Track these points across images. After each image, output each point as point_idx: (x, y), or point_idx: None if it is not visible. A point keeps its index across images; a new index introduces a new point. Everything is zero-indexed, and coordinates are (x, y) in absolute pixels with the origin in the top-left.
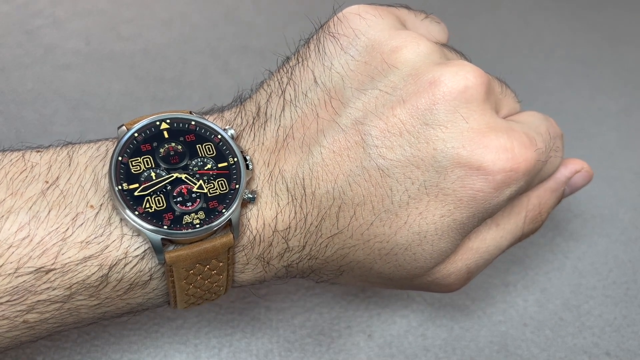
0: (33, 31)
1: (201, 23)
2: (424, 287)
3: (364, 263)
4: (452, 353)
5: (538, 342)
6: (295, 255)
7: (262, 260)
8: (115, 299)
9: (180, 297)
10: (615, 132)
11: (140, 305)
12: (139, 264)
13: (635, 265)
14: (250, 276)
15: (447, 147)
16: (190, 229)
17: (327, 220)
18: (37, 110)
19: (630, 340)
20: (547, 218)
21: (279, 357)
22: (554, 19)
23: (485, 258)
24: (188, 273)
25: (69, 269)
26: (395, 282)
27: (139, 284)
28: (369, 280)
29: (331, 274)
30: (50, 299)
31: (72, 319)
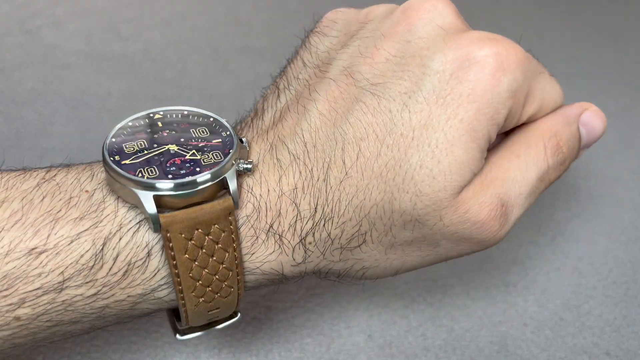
0: (33, 31)
1: (201, 23)
2: (460, 233)
3: (383, 205)
4: (452, 353)
5: (538, 342)
6: (308, 223)
7: (273, 235)
8: (113, 286)
9: (186, 284)
10: (615, 132)
11: (143, 301)
12: (134, 236)
13: (635, 265)
14: (263, 259)
15: (433, 53)
16: (178, 178)
17: (334, 167)
18: (37, 110)
19: (630, 340)
20: (571, 156)
21: (279, 357)
22: (554, 19)
23: (516, 190)
24: (188, 243)
25: (62, 248)
26: (425, 229)
27: (136, 263)
28: (397, 243)
29: (354, 241)
30: (42, 288)
31: (68, 315)
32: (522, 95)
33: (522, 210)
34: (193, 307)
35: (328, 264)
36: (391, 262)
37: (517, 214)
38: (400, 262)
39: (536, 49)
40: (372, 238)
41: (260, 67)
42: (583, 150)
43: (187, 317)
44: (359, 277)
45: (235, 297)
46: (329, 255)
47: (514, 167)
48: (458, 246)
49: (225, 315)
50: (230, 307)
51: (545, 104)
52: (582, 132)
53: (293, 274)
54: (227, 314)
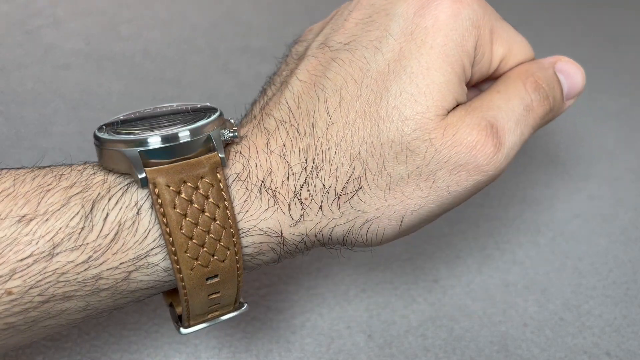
0: (33, 31)
1: (201, 23)
2: (454, 159)
3: (372, 140)
4: (452, 353)
5: (538, 342)
6: (301, 177)
7: (267, 191)
8: (104, 251)
9: (178, 241)
10: (616, 132)
11: (137, 269)
12: (123, 196)
13: (635, 265)
14: (258, 217)
15: (396, 2)
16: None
17: (318, 119)
18: (37, 110)
19: (630, 341)
20: (554, 96)
21: (279, 357)
22: (554, 19)
23: (502, 115)
24: (176, 196)
25: (51, 214)
26: (418, 159)
27: (126, 224)
28: (394, 182)
29: (349, 187)
30: (32, 256)
31: (60, 288)
32: (486, 29)
33: (515, 137)
34: (189, 272)
35: (329, 223)
36: (393, 209)
37: (510, 140)
38: (403, 208)
39: (536, 49)
40: (367, 182)
41: (260, 67)
42: (569, 101)
43: (186, 292)
44: (364, 239)
45: (234, 263)
46: (327, 210)
47: (496, 99)
48: (457, 176)
49: (228, 300)
50: (230, 280)
51: (514, 48)
52: (561, 80)
53: (294, 239)
54: (230, 297)
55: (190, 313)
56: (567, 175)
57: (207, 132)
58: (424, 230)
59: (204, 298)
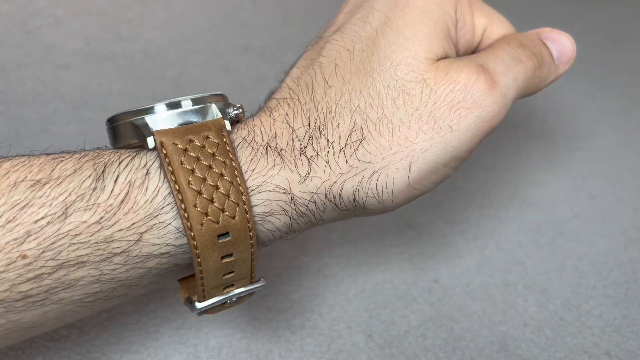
0: (33, 31)
1: (201, 23)
2: (450, 97)
3: (369, 91)
4: (452, 353)
5: (538, 342)
6: (305, 137)
7: (273, 151)
8: (115, 212)
9: (186, 195)
10: (616, 131)
11: (148, 231)
12: (133, 160)
13: (635, 265)
14: (266, 174)
15: None
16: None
17: (317, 87)
18: (37, 110)
19: (631, 341)
20: (542, 54)
21: (279, 357)
22: (554, 18)
23: (491, 60)
24: (183, 152)
25: (65, 178)
26: (416, 101)
27: (136, 183)
28: (396, 127)
29: (353, 137)
30: (46, 217)
31: (73, 252)
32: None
33: (508, 79)
34: (199, 228)
35: (337, 179)
36: (399, 157)
37: (503, 81)
38: (408, 154)
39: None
40: (370, 131)
41: (260, 67)
42: (563, 65)
43: (199, 253)
44: (376, 194)
45: (245, 221)
46: (334, 165)
47: (483, 53)
48: (456, 114)
49: (243, 268)
50: (243, 241)
51: (494, 21)
52: (550, 47)
53: (304, 197)
54: (245, 264)
55: (205, 282)
56: (567, 175)
57: (210, 102)
58: (424, 230)
59: (217, 261)
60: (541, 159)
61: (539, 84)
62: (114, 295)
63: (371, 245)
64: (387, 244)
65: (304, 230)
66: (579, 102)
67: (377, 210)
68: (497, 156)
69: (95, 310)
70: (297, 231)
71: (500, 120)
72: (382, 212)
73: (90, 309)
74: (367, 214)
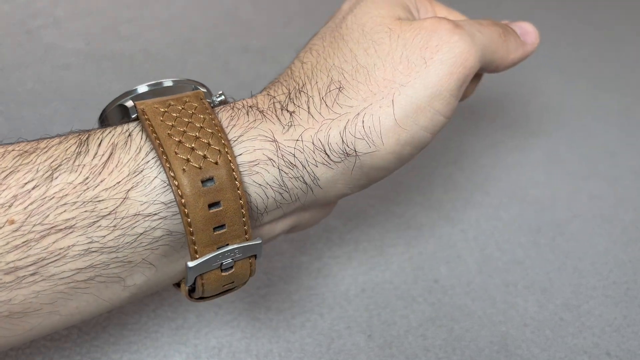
0: (33, 31)
1: (201, 23)
2: (417, 39)
3: (341, 49)
4: (452, 353)
5: (538, 342)
6: (285, 100)
7: (254, 111)
8: (101, 171)
9: (167, 142)
10: (616, 131)
11: (134, 188)
12: (115, 129)
13: (635, 265)
14: (247, 126)
15: None
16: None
17: (294, 68)
18: (37, 110)
19: (631, 341)
20: (499, 25)
21: (278, 357)
22: (554, 18)
23: (453, 18)
24: (163, 112)
25: (51, 147)
26: (385, 46)
27: (119, 144)
28: (371, 73)
29: (332, 87)
30: (33, 180)
31: (60, 215)
32: None
33: (472, 29)
34: (182, 174)
35: (322, 127)
36: (381, 95)
37: (468, 29)
38: (389, 91)
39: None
40: (347, 80)
41: (260, 67)
42: (530, 43)
43: (184, 202)
44: (364, 135)
45: (228, 165)
46: (316, 114)
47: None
48: (428, 51)
49: (234, 220)
50: (230, 188)
51: (455, 14)
52: (513, 27)
53: (289, 145)
54: (234, 213)
55: (196, 237)
56: (567, 175)
57: (190, 84)
58: (424, 230)
59: (204, 209)
60: (541, 159)
61: (507, 51)
62: (108, 276)
63: (371, 245)
64: (387, 244)
65: (301, 198)
66: (580, 102)
67: (372, 160)
68: (497, 156)
69: (91, 304)
70: (291, 193)
71: (474, 63)
72: (377, 163)
73: (86, 302)
74: (364, 168)
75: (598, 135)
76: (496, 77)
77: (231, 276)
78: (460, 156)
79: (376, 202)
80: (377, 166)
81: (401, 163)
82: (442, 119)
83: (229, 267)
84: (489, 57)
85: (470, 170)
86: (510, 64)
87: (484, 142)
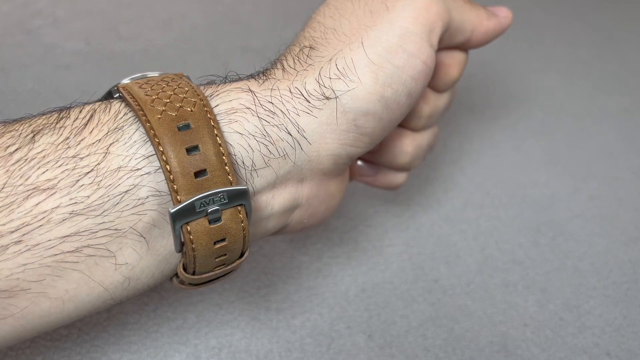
0: (33, 31)
1: (201, 23)
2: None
3: (310, 23)
4: (452, 353)
5: (538, 342)
6: (263, 70)
7: (229, 79)
8: (80, 131)
9: (142, 98)
10: (616, 132)
11: (114, 143)
12: (96, 103)
13: (635, 265)
14: (223, 86)
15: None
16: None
17: (288, 55)
18: (37, 110)
19: (631, 341)
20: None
21: (278, 357)
22: (554, 19)
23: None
24: (142, 83)
25: (33, 119)
26: (346, 9)
27: (99, 108)
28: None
29: (305, 49)
30: (14, 145)
31: (42, 175)
32: None
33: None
34: (157, 119)
35: (297, 76)
36: (350, 40)
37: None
38: (357, 36)
39: (536, 49)
40: (318, 42)
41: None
42: (504, 18)
43: (159, 142)
44: (340, 74)
45: (203, 111)
46: (290, 69)
47: None
48: (390, 1)
49: (217, 168)
50: (208, 135)
51: None
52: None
53: (265, 94)
54: (215, 159)
55: (177, 184)
56: (567, 175)
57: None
58: (424, 230)
59: (182, 153)
60: (541, 159)
61: (478, 16)
62: (97, 248)
63: (371, 245)
64: (387, 244)
65: (289, 154)
66: (580, 103)
67: (354, 103)
68: (497, 156)
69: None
70: (277, 146)
71: (438, 11)
72: (361, 105)
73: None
74: (349, 113)
75: (598, 135)
76: (496, 77)
77: (221, 230)
78: (461, 156)
79: (376, 202)
80: (361, 110)
81: (387, 109)
82: (418, 62)
83: (216, 217)
84: (457, 16)
85: (470, 170)
86: (485, 31)
87: (484, 143)
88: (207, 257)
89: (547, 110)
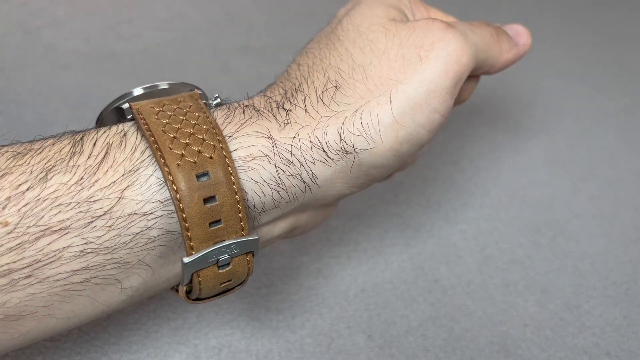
0: (33, 31)
1: (201, 23)
2: (413, 41)
3: (337, 50)
4: (452, 353)
5: (538, 343)
6: (282, 100)
7: (250, 110)
8: (95, 171)
9: (161, 138)
10: (616, 132)
11: (129, 187)
12: (110, 129)
13: (635, 265)
14: (243, 123)
15: None
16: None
17: (290, 71)
18: (37, 110)
19: (631, 341)
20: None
21: (278, 357)
22: (554, 19)
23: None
24: (158, 111)
25: (45, 148)
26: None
27: (114, 144)
28: (368, 69)
29: (329, 85)
30: (27, 182)
31: (55, 216)
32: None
33: (464, 28)
34: (176, 167)
35: (319, 124)
36: (378, 92)
37: (460, 28)
38: (386, 88)
39: (536, 49)
40: (344, 79)
41: (260, 67)
42: (523, 46)
43: (179, 197)
44: (363, 131)
45: (223, 160)
46: (313, 112)
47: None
48: (421, 49)
49: (230, 215)
50: (225, 184)
51: (449, 19)
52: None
53: (285, 142)
54: (230, 206)
55: (191, 233)
56: (567, 176)
57: (186, 86)
58: (424, 230)
59: (199, 204)
60: (541, 159)
61: (500, 51)
62: (104, 277)
63: (371, 245)
64: (387, 244)
65: (299, 197)
66: (580, 103)
67: (371, 158)
68: (497, 156)
69: (88, 307)
70: (289, 192)
71: (468, 61)
72: (376, 161)
73: (82, 305)
74: (363, 166)
75: (597, 136)
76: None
77: (228, 274)
78: (461, 157)
79: (376, 202)
80: (376, 164)
81: (399, 161)
82: (438, 116)
83: (225, 263)
84: (482, 56)
85: (471, 170)
86: (504, 63)
87: (484, 143)
88: (212, 290)
89: (547, 111)
